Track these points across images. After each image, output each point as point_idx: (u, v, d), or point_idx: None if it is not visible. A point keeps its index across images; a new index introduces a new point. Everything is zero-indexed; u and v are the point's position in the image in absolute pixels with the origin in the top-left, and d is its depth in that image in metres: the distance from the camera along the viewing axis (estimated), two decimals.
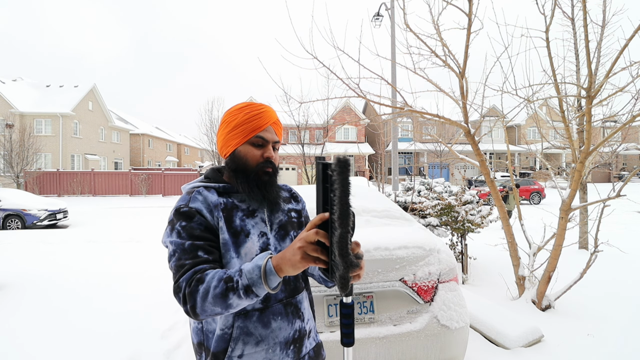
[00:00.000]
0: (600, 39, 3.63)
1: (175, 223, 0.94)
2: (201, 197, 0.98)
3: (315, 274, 1.09)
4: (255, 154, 1.03)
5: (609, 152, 6.28)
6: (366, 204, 2.76)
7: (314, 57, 3.35)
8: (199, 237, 0.92)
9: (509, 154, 3.90)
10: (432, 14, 3.38)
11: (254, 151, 1.03)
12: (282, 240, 1.06)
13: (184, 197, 1.00)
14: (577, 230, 6.47)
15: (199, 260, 0.87)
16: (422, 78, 3.57)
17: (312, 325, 1.11)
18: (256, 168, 1.03)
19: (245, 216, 1.01)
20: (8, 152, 17.37)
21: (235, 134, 1.03)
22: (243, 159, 1.03)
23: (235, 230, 0.98)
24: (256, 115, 1.03)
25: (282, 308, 1.01)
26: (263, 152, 1.04)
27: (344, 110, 29.46)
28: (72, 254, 6.24)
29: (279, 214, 1.09)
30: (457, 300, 2.08)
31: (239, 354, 0.95)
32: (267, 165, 1.04)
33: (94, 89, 27.55)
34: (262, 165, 1.03)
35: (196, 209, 0.95)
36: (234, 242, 0.96)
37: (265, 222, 1.04)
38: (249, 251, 0.97)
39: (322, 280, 1.05)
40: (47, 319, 3.43)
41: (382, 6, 9.70)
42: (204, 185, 1.04)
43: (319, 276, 1.07)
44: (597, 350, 2.67)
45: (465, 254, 4.63)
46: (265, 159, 1.04)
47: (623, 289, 4.02)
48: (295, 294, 1.05)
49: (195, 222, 0.93)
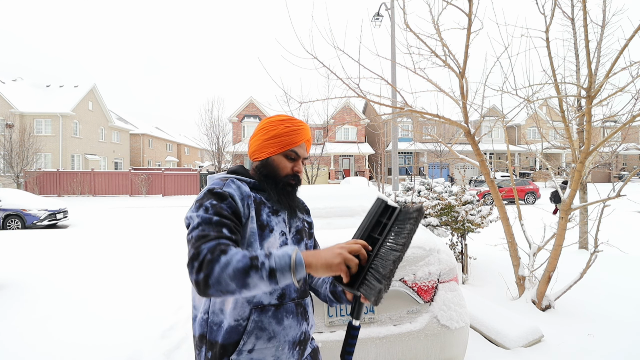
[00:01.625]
0: (600, 39, 3.63)
1: (205, 200, 0.94)
2: (235, 185, 1.02)
3: (321, 291, 1.17)
4: (287, 166, 1.11)
5: (609, 152, 6.28)
6: (366, 204, 2.76)
7: (314, 57, 3.35)
8: (227, 217, 0.93)
9: (509, 154, 3.90)
10: (432, 14, 3.38)
11: (286, 163, 1.11)
12: (297, 243, 1.12)
13: (217, 182, 1.03)
14: (577, 230, 6.47)
15: (223, 235, 0.87)
16: (422, 78, 3.57)
17: (313, 331, 1.16)
18: (284, 178, 1.10)
19: (271, 213, 1.07)
20: (8, 152, 17.37)
21: (272, 143, 1.09)
22: (275, 167, 1.10)
23: (262, 223, 1.03)
24: (295, 131, 1.10)
25: (294, 307, 1.04)
26: (294, 165, 1.12)
27: (344, 110, 29.46)
28: (72, 254, 6.24)
29: (296, 219, 1.15)
30: (457, 300, 2.07)
31: (250, 348, 0.96)
32: (294, 178, 1.12)
33: (94, 89, 27.55)
34: (290, 177, 1.11)
35: (229, 193, 0.98)
36: (260, 234, 1.01)
37: (286, 223, 1.10)
38: (271, 246, 1.03)
39: (327, 299, 1.14)
40: (47, 319, 3.43)
41: (382, 6, 9.70)
42: (237, 178, 1.09)
43: (325, 295, 1.15)
44: (597, 350, 2.67)
45: (465, 254, 4.63)
46: (294, 173, 1.12)
47: (623, 289, 4.02)
48: (304, 296, 1.09)
49: (226, 204, 0.95)
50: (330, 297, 1.13)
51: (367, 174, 28.21)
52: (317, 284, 1.22)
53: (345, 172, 30.40)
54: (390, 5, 8.82)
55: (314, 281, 1.23)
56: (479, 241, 5.81)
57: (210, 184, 1.04)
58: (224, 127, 24.97)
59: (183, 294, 4.14)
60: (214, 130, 23.94)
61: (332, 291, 1.12)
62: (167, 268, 5.29)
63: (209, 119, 24.08)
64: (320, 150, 15.95)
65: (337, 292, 1.09)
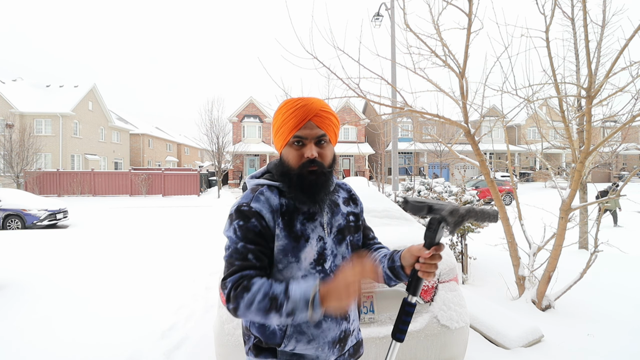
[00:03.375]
0: (600, 39, 3.63)
1: (234, 220, 0.97)
2: (263, 198, 0.99)
3: (380, 271, 1.08)
4: (295, 155, 1.01)
5: (609, 152, 6.28)
6: (366, 204, 2.76)
7: (314, 57, 3.35)
8: (252, 241, 0.94)
9: (509, 154, 3.90)
10: (432, 14, 3.38)
11: (294, 152, 1.01)
12: (339, 244, 1.06)
13: (247, 195, 1.02)
14: (577, 230, 6.47)
15: (247, 264, 0.91)
16: (422, 78, 3.57)
17: (356, 325, 1.12)
18: (299, 170, 1.00)
19: (305, 220, 1.01)
20: (8, 152, 17.36)
21: (279, 137, 1.03)
22: (286, 162, 1.02)
23: (296, 234, 0.99)
24: (292, 114, 0.99)
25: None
26: (303, 152, 1.00)
27: (344, 110, 29.46)
28: (72, 254, 6.24)
29: (338, 217, 1.08)
30: (457, 300, 2.08)
31: (291, 349, 1.00)
32: (310, 165, 0.99)
33: (94, 89, 27.55)
34: (305, 165, 0.99)
35: (256, 210, 0.96)
36: (294, 247, 0.98)
37: (324, 227, 1.04)
38: (308, 255, 0.99)
39: (385, 277, 1.06)
40: (47, 318, 3.43)
41: (382, 6, 9.70)
42: (268, 184, 1.04)
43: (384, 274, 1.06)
44: (597, 350, 2.67)
45: (465, 254, 4.63)
46: (308, 159, 0.99)
47: (623, 288, 4.02)
48: None
49: (252, 224, 0.95)
50: (389, 273, 1.06)
51: (367, 174, 28.20)
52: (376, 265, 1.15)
53: (345, 172, 30.40)
54: (390, 5, 8.82)
55: None
56: (479, 241, 5.81)
57: (243, 195, 1.02)
58: (224, 127, 24.95)
59: (183, 294, 4.14)
60: (214, 130, 23.92)
61: (390, 267, 1.05)
62: (167, 268, 5.29)
63: (209, 119, 24.06)
64: None
65: (396, 267, 1.03)
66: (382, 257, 1.11)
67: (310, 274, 0.99)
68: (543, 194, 19.49)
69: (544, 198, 18.27)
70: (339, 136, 5.40)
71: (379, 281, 1.12)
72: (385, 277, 1.07)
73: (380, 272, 1.08)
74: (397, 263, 1.02)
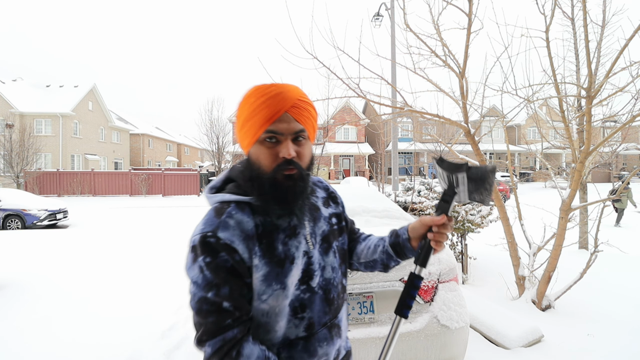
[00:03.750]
0: (600, 39, 3.63)
1: (199, 256, 0.77)
2: (233, 222, 0.79)
3: (376, 257, 1.01)
4: (269, 155, 0.81)
5: (609, 152, 6.28)
6: (366, 204, 2.77)
7: (314, 57, 3.35)
8: (225, 281, 0.76)
9: (509, 154, 3.90)
10: (432, 14, 3.38)
11: (267, 152, 0.81)
12: (325, 254, 0.91)
13: (211, 220, 0.80)
14: (577, 230, 6.47)
15: (225, 317, 0.75)
16: (422, 78, 3.57)
17: (346, 335, 1.01)
18: (272, 174, 0.81)
19: (287, 237, 0.84)
20: (8, 152, 17.37)
21: (245, 133, 0.83)
22: (256, 163, 0.83)
23: (279, 258, 0.82)
24: (263, 104, 0.79)
25: (327, 332, 0.89)
26: (278, 150, 0.81)
27: (344, 110, 29.47)
28: (72, 254, 6.24)
29: (321, 222, 0.93)
30: (457, 300, 2.08)
31: None
32: (287, 167, 0.81)
33: (94, 89, 27.55)
34: (281, 167, 0.80)
35: (225, 242, 0.77)
36: (278, 273, 0.81)
37: (307, 239, 0.88)
38: (295, 279, 0.84)
39: (385, 258, 1.00)
40: (47, 318, 3.43)
41: (382, 6, 9.70)
42: (235, 201, 0.83)
43: (381, 259, 1.01)
44: (597, 350, 2.67)
45: (465, 254, 4.63)
46: (285, 160, 0.81)
47: (623, 289, 4.02)
48: (338, 312, 0.94)
49: (221, 259, 0.76)
50: (390, 252, 0.97)
51: (367, 174, 28.21)
52: (367, 255, 1.04)
53: (345, 172, 30.40)
54: (390, 5, 8.82)
55: (359, 256, 1.06)
56: (479, 241, 5.81)
57: (204, 221, 0.80)
58: (224, 127, 24.99)
59: (183, 294, 4.14)
60: (214, 130, 23.95)
61: (394, 243, 0.97)
62: (167, 268, 5.29)
63: (209, 119, 24.10)
64: (320, 150, 15.96)
65: (401, 242, 0.95)
66: (378, 240, 1.03)
67: (294, 295, 0.84)
68: (543, 194, 19.49)
69: (544, 198, 18.27)
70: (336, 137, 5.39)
71: (373, 270, 1.06)
72: (385, 258, 0.99)
73: (378, 257, 1.01)
74: (403, 236, 0.95)
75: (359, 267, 1.09)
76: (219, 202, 0.84)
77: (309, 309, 0.86)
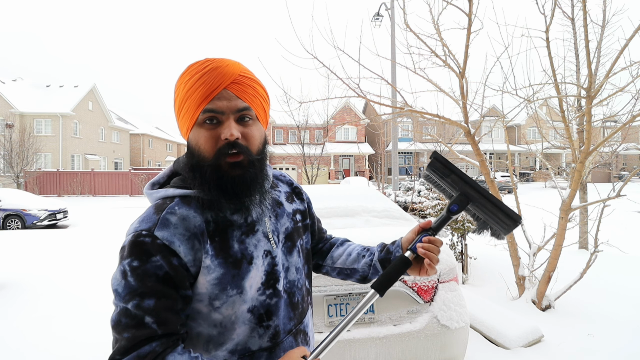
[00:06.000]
0: (600, 39, 3.63)
1: (124, 258, 0.65)
2: (175, 219, 0.68)
3: (358, 267, 0.92)
4: (209, 139, 0.70)
5: (609, 152, 6.28)
6: (366, 204, 2.77)
7: (314, 57, 3.36)
8: (152, 291, 0.63)
9: (509, 154, 3.90)
10: (432, 14, 3.38)
11: (206, 134, 0.70)
12: (289, 254, 0.83)
13: (149, 217, 0.68)
14: (577, 230, 6.47)
15: (143, 332, 0.61)
16: (422, 78, 3.57)
17: (314, 342, 0.93)
18: (214, 160, 0.70)
19: (244, 235, 0.74)
20: (8, 152, 17.39)
21: (184, 117, 0.72)
22: (196, 149, 0.71)
23: (235, 258, 0.72)
24: (199, 82, 0.68)
25: (293, 340, 0.81)
26: (219, 132, 0.70)
27: (344, 110, 29.47)
28: (72, 254, 6.24)
29: (283, 219, 0.84)
30: (457, 300, 2.08)
31: None
32: (231, 151, 0.70)
33: (94, 89, 27.56)
34: (222, 151, 0.70)
35: (162, 243, 0.65)
36: (234, 275, 0.71)
37: (268, 237, 0.78)
38: (254, 281, 0.74)
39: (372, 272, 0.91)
40: (48, 318, 3.43)
41: (382, 6, 9.71)
42: (180, 195, 0.73)
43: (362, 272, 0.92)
44: (597, 350, 2.67)
45: (465, 254, 4.63)
46: (228, 143, 0.69)
47: (623, 289, 4.01)
48: (303, 317, 0.86)
49: (153, 265, 0.63)
50: (379, 268, 0.88)
51: (367, 174, 28.21)
52: (345, 262, 0.95)
53: (345, 172, 30.41)
54: (390, 5, 8.83)
55: (334, 261, 0.97)
56: (479, 241, 5.81)
57: (141, 218, 0.69)
58: None
59: None
60: None
61: (383, 260, 0.88)
62: None
63: None
64: (320, 150, 15.96)
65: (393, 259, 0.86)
66: (361, 250, 0.95)
67: (259, 301, 0.74)
68: (543, 194, 19.50)
69: (544, 198, 18.27)
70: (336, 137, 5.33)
71: (346, 279, 0.96)
72: (370, 271, 0.90)
73: (360, 267, 0.92)
74: (396, 253, 0.87)
75: (329, 272, 1.00)
76: (161, 198, 0.74)
77: (275, 316, 0.77)
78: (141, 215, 0.70)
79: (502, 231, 0.78)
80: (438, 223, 0.80)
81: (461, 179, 0.80)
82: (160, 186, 0.80)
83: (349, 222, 2.52)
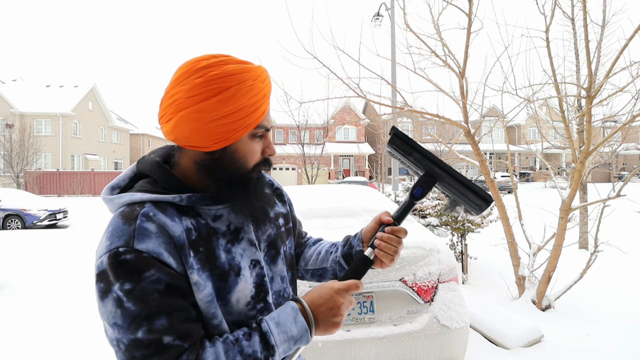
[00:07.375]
0: (600, 39, 3.63)
1: (113, 284, 0.54)
2: (154, 227, 0.58)
3: (327, 265, 0.87)
4: (257, 152, 0.68)
5: (609, 152, 6.28)
6: (366, 204, 2.77)
7: (314, 57, 3.36)
8: (160, 308, 0.54)
9: (509, 154, 3.90)
10: (432, 14, 3.38)
11: (255, 146, 0.67)
12: (273, 263, 0.75)
13: (119, 229, 0.58)
14: (577, 230, 6.47)
15: (168, 354, 0.54)
16: (422, 78, 3.57)
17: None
18: (252, 172, 0.68)
19: (229, 244, 0.67)
20: (8, 152, 17.40)
21: (235, 122, 0.61)
22: (241, 159, 0.66)
23: (223, 270, 0.64)
24: (262, 90, 0.63)
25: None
26: (265, 146, 0.69)
27: (344, 110, 29.48)
28: (72, 254, 6.24)
29: (267, 225, 0.76)
30: (457, 300, 2.08)
31: None
32: (267, 165, 0.71)
33: (94, 89, 27.57)
34: (260, 165, 0.70)
35: (149, 256, 0.55)
36: (220, 287, 0.64)
37: (255, 244, 0.71)
38: (242, 295, 0.66)
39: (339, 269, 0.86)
40: (47, 319, 3.43)
41: (382, 6, 9.71)
42: (152, 200, 0.62)
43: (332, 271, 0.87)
44: (597, 350, 2.67)
45: (465, 254, 4.63)
46: (268, 156, 0.70)
47: (623, 289, 4.02)
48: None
49: (150, 279, 0.54)
50: (343, 263, 0.84)
51: (367, 174, 28.21)
52: (315, 262, 0.90)
53: (345, 172, 30.41)
54: (390, 5, 8.83)
55: (307, 262, 0.92)
56: (479, 241, 5.81)
57: (111, 231, 0.59)
58: None
59: None
60: None
61: (345, 255, 0.84)
62: None
63: None
64: (320, 150, 15.97)
65: (354, 253, 0.82)
66: (330, 247, 0.90)
67: (248, 316, 0.68)
68: (543, 194, 19.50)
69: (544, 198, 18.27)
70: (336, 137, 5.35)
71: (321, 280, 0.91)
72: (338, 269, 0.85)
73: (329, 266, 0.87)
74: (357, 248, 0.82)
75: (304, 275, 0.94)
76: (126, 204, 0.63)
77: None
78: (107, 230, 0.59)
79: (473, 211, 0.73)
80: (401, 211, 0.75)
81: (425, 156, 0.73)
82: (121, 190, 0.70)
83: (349, 222, 2.52)
